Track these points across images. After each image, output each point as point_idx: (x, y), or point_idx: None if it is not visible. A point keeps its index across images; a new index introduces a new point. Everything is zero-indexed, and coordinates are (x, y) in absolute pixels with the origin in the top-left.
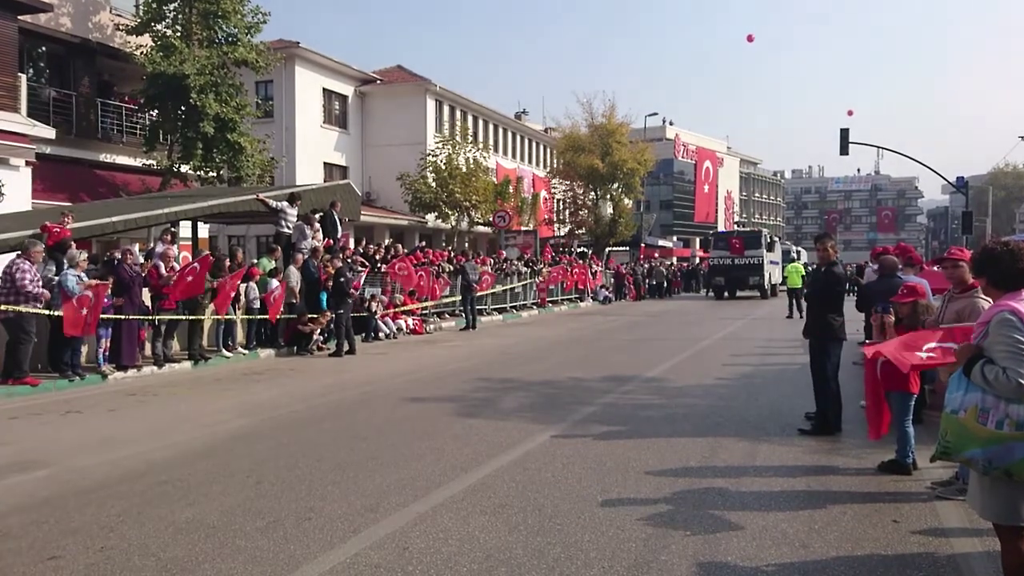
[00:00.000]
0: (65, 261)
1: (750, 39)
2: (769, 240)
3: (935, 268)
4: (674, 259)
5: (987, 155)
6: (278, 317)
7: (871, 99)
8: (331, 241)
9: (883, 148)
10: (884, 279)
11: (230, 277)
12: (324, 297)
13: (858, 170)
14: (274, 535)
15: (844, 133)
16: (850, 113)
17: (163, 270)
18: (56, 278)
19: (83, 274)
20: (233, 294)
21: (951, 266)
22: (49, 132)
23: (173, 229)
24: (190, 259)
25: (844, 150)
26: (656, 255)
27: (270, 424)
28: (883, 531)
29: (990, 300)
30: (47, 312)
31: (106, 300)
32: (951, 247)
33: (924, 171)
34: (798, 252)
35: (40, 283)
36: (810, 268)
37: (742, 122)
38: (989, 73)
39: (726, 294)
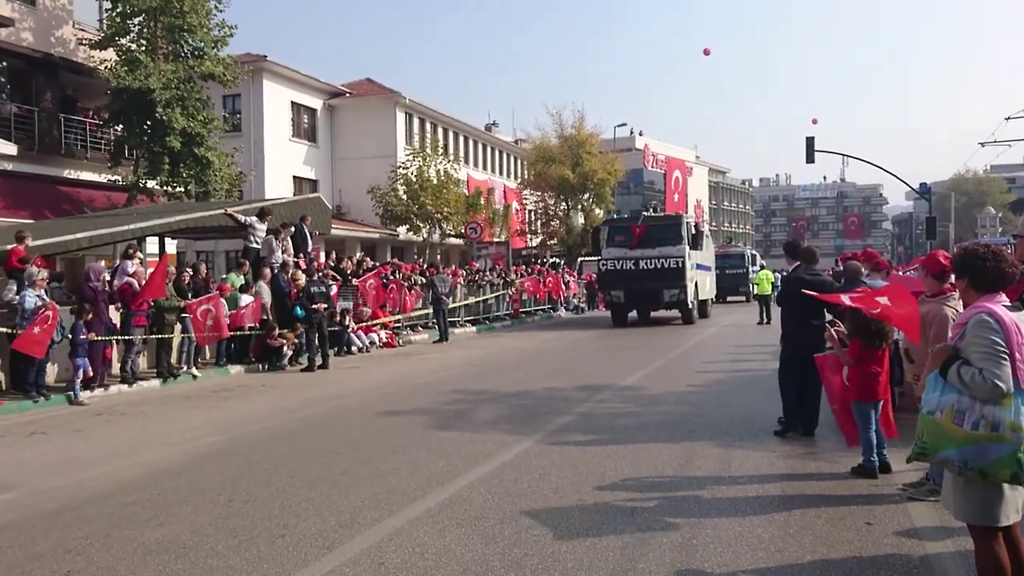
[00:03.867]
0: (24, 280)
1: (706, 53)
2: (694, 231)
3: (913, 270)
4: None
5: (949, 161)
6: (249, 332)
7: (835, 107)
8: (303, 257)
9: (848, 156)
10: (847, 285)
11: (202, 300)
12: (301, 312)
13: (824, 178)
14: (247, 554)
15: (810, 142)
16: (815, 122)
17: (137, 287)
18: (16, 298)
19: (43, 292)
20: (208, 321)
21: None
22: (11, 148)
23: (130, 249)
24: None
25: (810, 158)
26: None
27: (241, 441)
28: (857, 534)
29: (956, 307)
30: (8, 331)
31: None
32: (937, 251)
33: (888, 178)
34: (753, 256)
35: None
36: (781, 275)
37: (710, 132)
38: (950, 81)
39: (634, 314)
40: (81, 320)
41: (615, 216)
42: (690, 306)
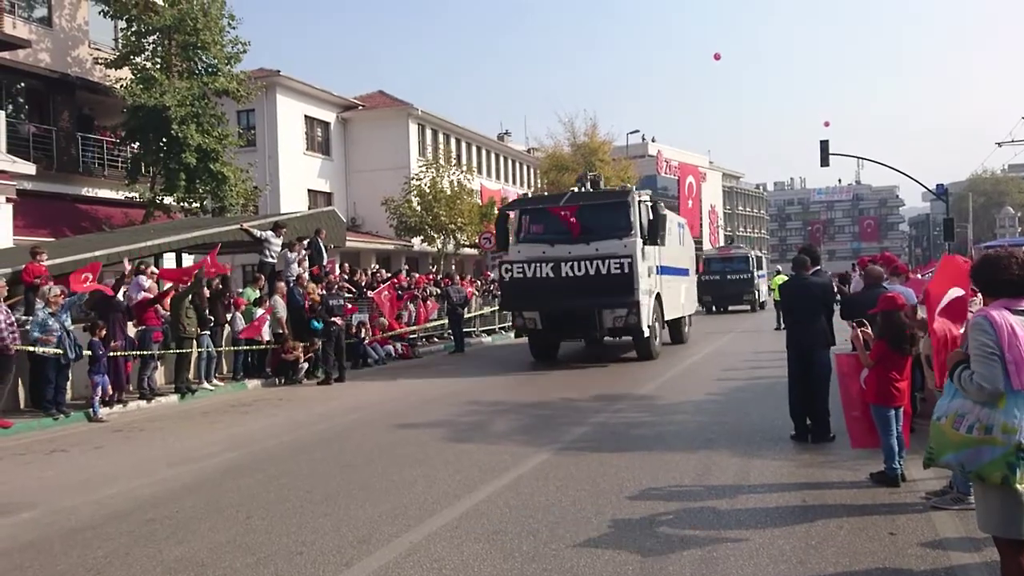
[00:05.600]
0: (37, 300)
1: (717, 57)
2: (652, 215)
3: (931, 272)
4: None
5: (966, 161)
6: (264, 347)
7: (849, 109)
8: (319, 269)
9: (863, 158)
10: (868, 289)
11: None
12: (318, 325)
13: (839, 180)
14: (264, 572)
15: (824, 145)
16: (827, 124)
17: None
18: (28, 318)
19: (60, 310)
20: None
21: None
22: (29, 168)
23: (142, 265)
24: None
25: (824, 161)
26: None
27: (259, 456)
28: (880, 544)
29: None
30: (30, 349)
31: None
32: (954, 255)
33: (904, 179)
34: (759, 258)
35: (15, 326)
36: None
37: (723, 136)
38: (966, 80)
39: (569, 342)
40: (97, 337)
41: (527, 196)
42: (646, 333)
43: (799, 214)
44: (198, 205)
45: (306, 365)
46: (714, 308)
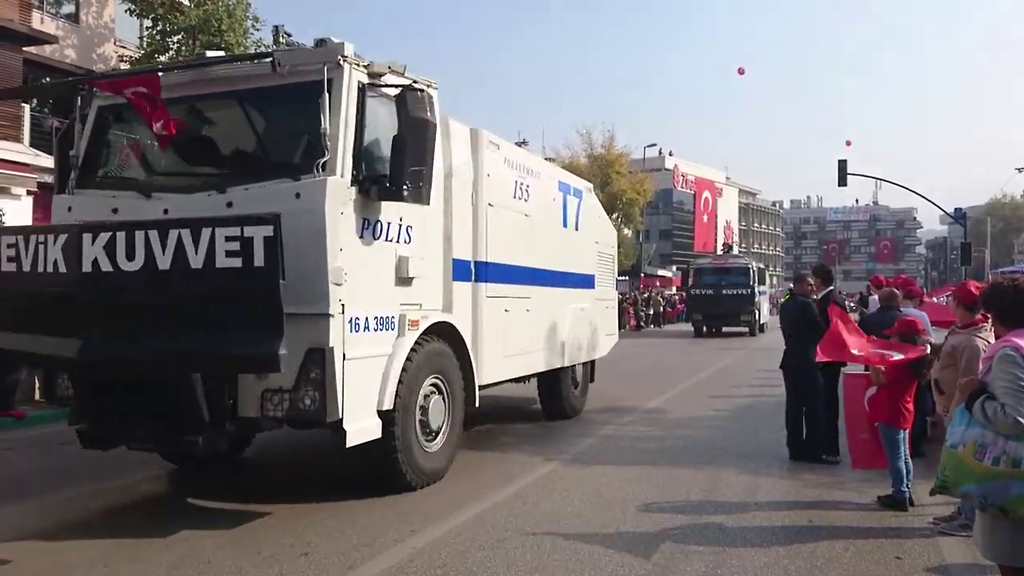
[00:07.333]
0: None
1: (741, 72)
2: (404, 120)
3: (945, 296)
4: (674, 288)
5: (985, 186)
6: None
7: (869, 129)
8: None
9: (881, 179)
10: (882, 311)
11: None
12: None
13: (856, 200)
14: (269, 571)
15: (842, 164)
16: (848, 144)
17: None
18: None
19: None
20: None
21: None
22: (51, 161)
23: None
24: None
25: (842, 181)
26: (656, 284)
27: (267, 452)
28: (886, 568)
29: (988, 338)
30: None
31: None
32: (968, 281)
33: (922, 202)
34: (760, 270)
35: None
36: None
37: (740, 152)
38: (987, 105)
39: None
40: None
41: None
42: (353, 431)
43: (815, 233)
44: None
45: None
46: (704, 329)
